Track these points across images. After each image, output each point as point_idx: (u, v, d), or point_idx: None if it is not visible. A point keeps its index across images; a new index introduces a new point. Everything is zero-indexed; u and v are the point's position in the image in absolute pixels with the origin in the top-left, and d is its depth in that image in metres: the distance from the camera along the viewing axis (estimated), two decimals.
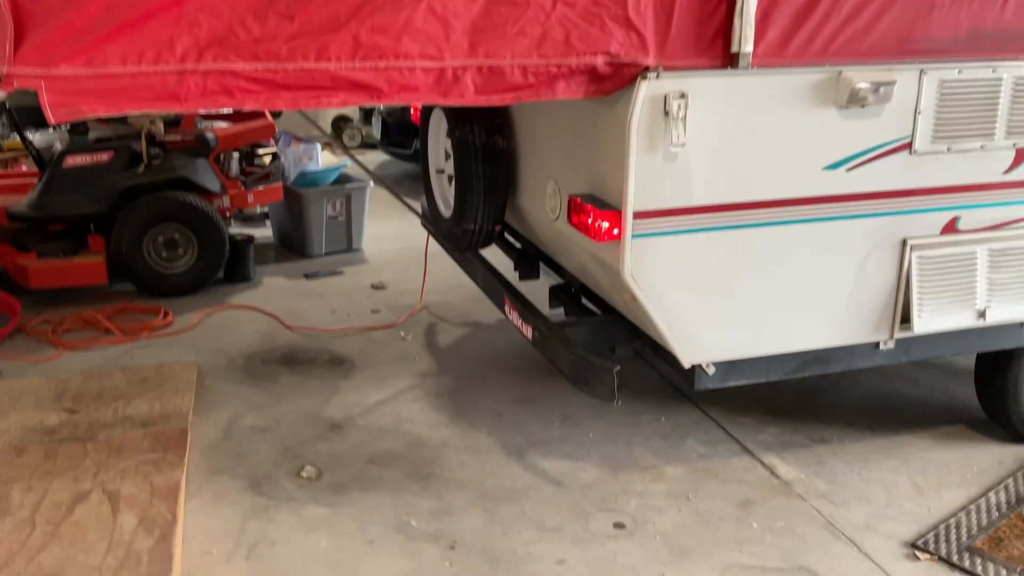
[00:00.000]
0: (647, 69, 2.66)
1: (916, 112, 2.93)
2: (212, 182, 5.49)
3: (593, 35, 2.59)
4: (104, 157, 5.15)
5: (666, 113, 2.67)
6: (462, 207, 3.66)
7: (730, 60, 2.73)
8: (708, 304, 2.94)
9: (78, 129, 5.48)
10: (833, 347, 3.14)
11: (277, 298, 5.34)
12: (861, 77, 2.81)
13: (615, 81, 2.68)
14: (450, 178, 3.93)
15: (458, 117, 3.56)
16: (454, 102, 2.55)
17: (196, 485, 3.36)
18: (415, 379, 4.28)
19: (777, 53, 2.76)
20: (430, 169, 4.15)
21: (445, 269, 5.16)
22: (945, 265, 3.13)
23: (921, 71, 2.90)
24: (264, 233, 6.53)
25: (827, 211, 2.94)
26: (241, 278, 5.58)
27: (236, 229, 6.17)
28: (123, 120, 5.48)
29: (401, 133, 8.15)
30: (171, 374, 4.18)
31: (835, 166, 2.90)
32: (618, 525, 3.16)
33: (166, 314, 4.99)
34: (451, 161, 3.83)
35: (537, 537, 3.10)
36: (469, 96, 2.54)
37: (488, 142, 3.55)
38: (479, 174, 3.57)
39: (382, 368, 4.39)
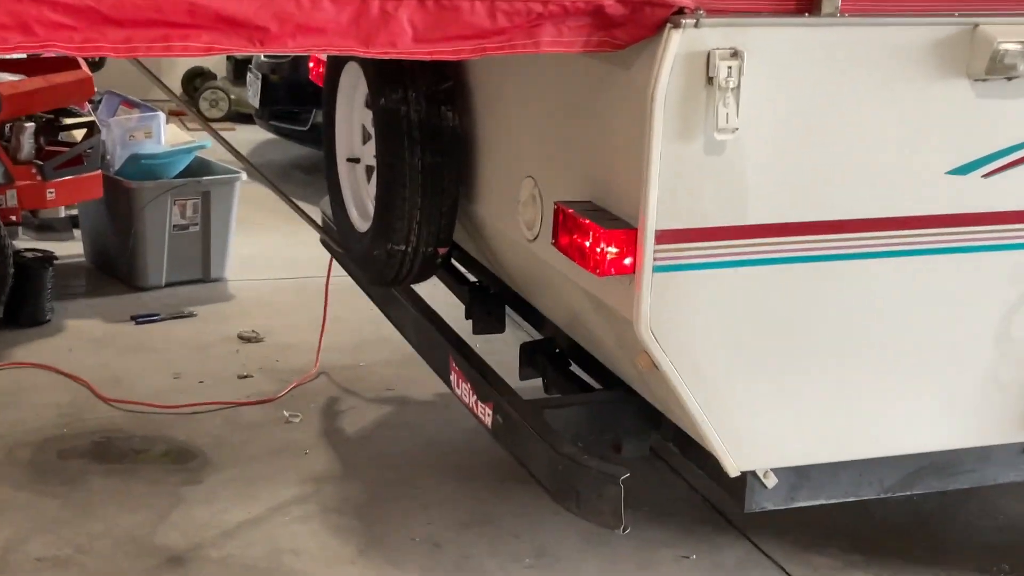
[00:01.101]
0: (682, 11, 2.68)
1: None
2: None
3: None
4: None
5: (710, 80, 2.69)
6: (388, 217, 3.66)
7: (809, 1, 2.77)
8: (769, 378, 2.95)
9: None
10: (959, 449, 3.17)
11: (88, 353, 5.28)
12: (1008, 34, 2.84)
13: (631, 29, 2.71)
14: (369, 171, 3.93)
15: (385, 77, 3.57)
16: (381, 53, 2.56)
17: None
18: (305, 486, 4.25)
19: None
20: (337, 157, 4.15)
21: (357, 313, 5.14)
22: None
23: None
24: (71, 250, 6.47)
25: (953, 238, 2.98)
26: (31, 320, 5.53)
27: (26, 243, 6.08)
28: None
29: (292, 99, 8.12)
30: None
31: (966, 169, 2.95)
32: None
33: None
34: (371, 145, 3.82)
35: None
36: (405, 44, 2.56)
37: (431, 117, 3.56)
38: (415, 166, 3.57)
39: (253, 467, 4.36)
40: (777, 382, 2.97)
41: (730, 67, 2.69)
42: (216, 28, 2.45)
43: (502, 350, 3.97)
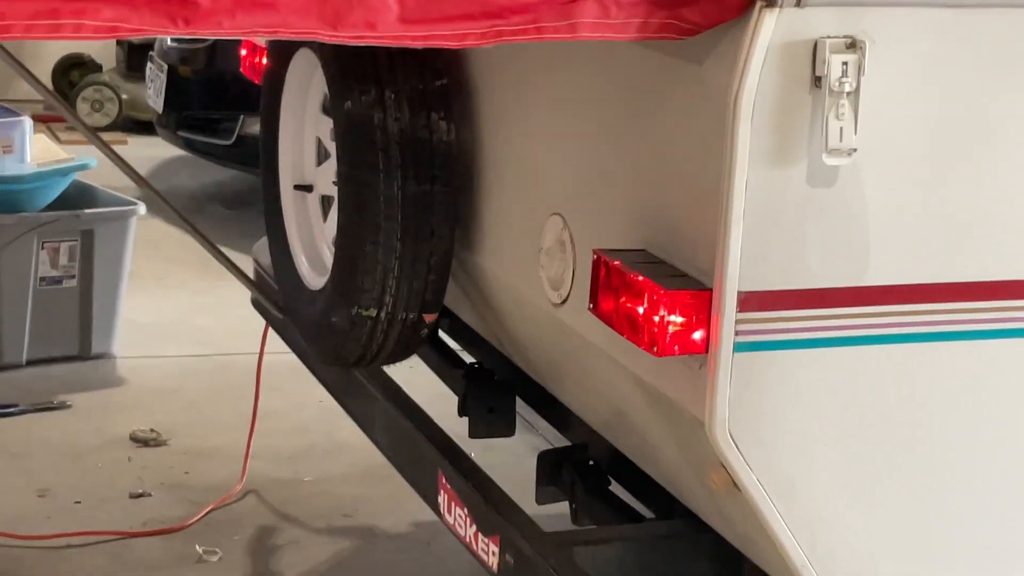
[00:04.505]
0: None
1: None
2: None
3: None
4: None
5: (817, 81, 2.70)
6: (353, 270, 3.69)
7: None
8: (900, 507, 2.93)
9: None
10: None
11: None
12: None
13: (707, 8, 2.74)
14: (326, 203, 3.98)
15: (352, 72, 3.62)
16: (354, 37, 2.61)
17: None
18: None
19: None
20: (280, 183, 4.21)
21: (301, 407, 5.16)
22: None
23: None
24: None
25: None
26: None
27: None
28: None
29: (211, 100, 8.34)
30: None
31: None
32: None
33: None
34: (330, 167, 3.86)
35: None
36: (388, 26, 2.61)
37: (416, 128, 3.60)
38: (393, 198, 3.60)
39: None
40: (912, 513, 2.93)
41: (846, 63, 2.69)
42: (124, 3, 2.45)
43: (510, 462, 4.02)
